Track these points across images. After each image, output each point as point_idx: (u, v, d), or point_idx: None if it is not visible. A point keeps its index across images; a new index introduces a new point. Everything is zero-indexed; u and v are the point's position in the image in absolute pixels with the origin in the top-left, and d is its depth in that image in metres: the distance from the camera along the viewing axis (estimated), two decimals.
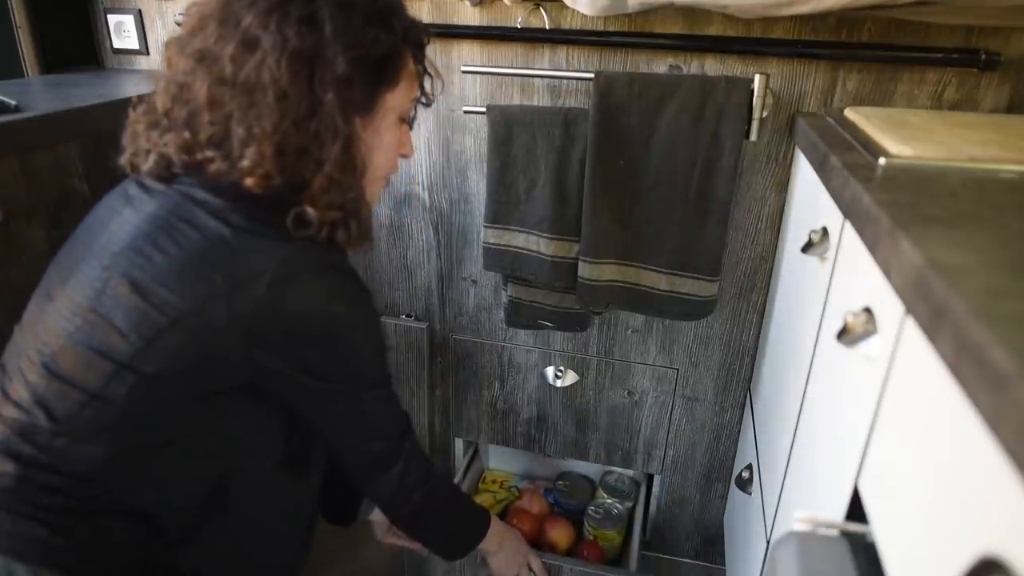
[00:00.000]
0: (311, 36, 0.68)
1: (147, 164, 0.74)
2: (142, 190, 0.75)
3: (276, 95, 0.68)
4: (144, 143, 0.75)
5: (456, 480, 1.49)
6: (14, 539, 0.67)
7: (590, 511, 1.44)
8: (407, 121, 0.84)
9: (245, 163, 0.69)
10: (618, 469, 1.53)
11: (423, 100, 0.87)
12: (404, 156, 0.85)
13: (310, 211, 0.71)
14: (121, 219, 0.73)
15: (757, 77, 1.02)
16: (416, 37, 0.79)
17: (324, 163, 0.71)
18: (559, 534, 1.39)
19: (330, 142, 0.70)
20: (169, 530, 0.75)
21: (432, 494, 0.92)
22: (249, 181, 0.71)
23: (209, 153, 0.71)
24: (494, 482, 1.57)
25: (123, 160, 0.77)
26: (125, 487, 0.72)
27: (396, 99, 0.78)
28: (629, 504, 1.47)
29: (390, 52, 0.74)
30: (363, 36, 0.71)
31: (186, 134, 0.72)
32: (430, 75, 0.85)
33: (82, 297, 0.70)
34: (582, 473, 1.57)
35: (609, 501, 1.47)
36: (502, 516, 1.45)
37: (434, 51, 1.22)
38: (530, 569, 1.14)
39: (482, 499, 1.48)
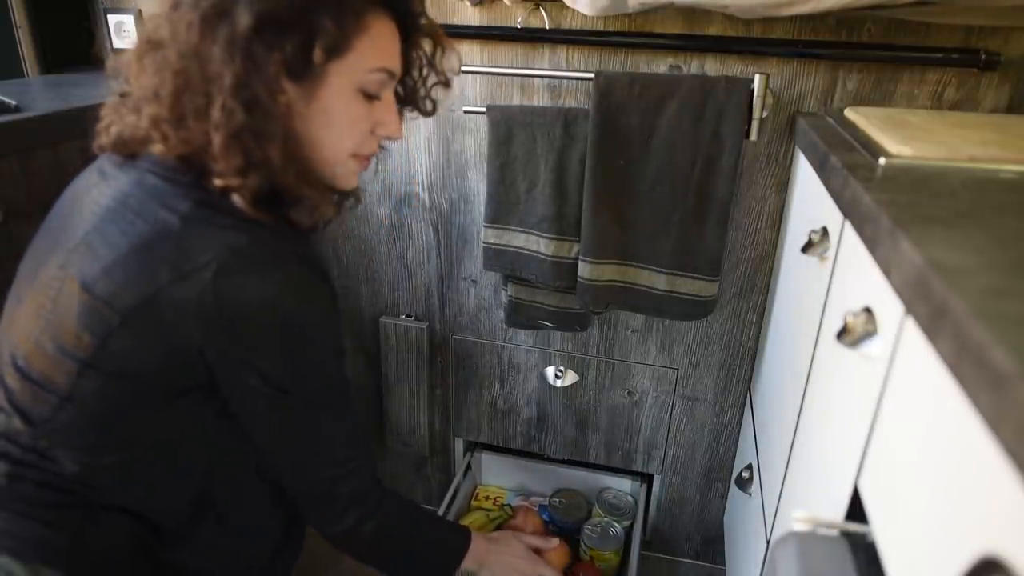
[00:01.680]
0: None
1: (108, 139, 0.70)
2: (101, 177, 0.72)
3: (178, 52, 0.63)
4: (113, 119, 0.71)
5: (451, 490, 1.47)
6: (9, 537, 0.68)
7: (586, 530, 1.39)
8: (378, 96, 0.72)
9: (143, 123, 0.65)
10: (615, 486, 1.50)
11: (438, 80, 0.77)
12: (387, 137, 0.75)
13: (222, 181, 0.65)
14: (79, 213, 0.70)
15: (757, 77, 1.02)
16: None
17: (220, 127, 0.63)
18: (554, 555, 1.31)
19: (218, 98, 0.63)
20: (162, 527, 0.75)
21: (385, 522, 0.83)
22: (156, 148, 0.66)
23: (153, 131, 0.67)
24: (487, 498, 1.54)
25: (94, 136, 0.73)
26: (113, 486, 0.72)
27: (348, 67, 0.67)
28: (627, 523, 1.42)
29: (323, 9, 0.64)
30: None
31: (144, 108, 0.67)
32: (441, 47, 0.74)
33: (43, 298, 0.68)
34: (578, 489, 1.52)
35: (606, 520, 1.42)
36: None
37: None
38: None
39: (474, 517, 1.44)
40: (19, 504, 0.68)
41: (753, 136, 1.05)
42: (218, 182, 0.65)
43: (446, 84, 0.79)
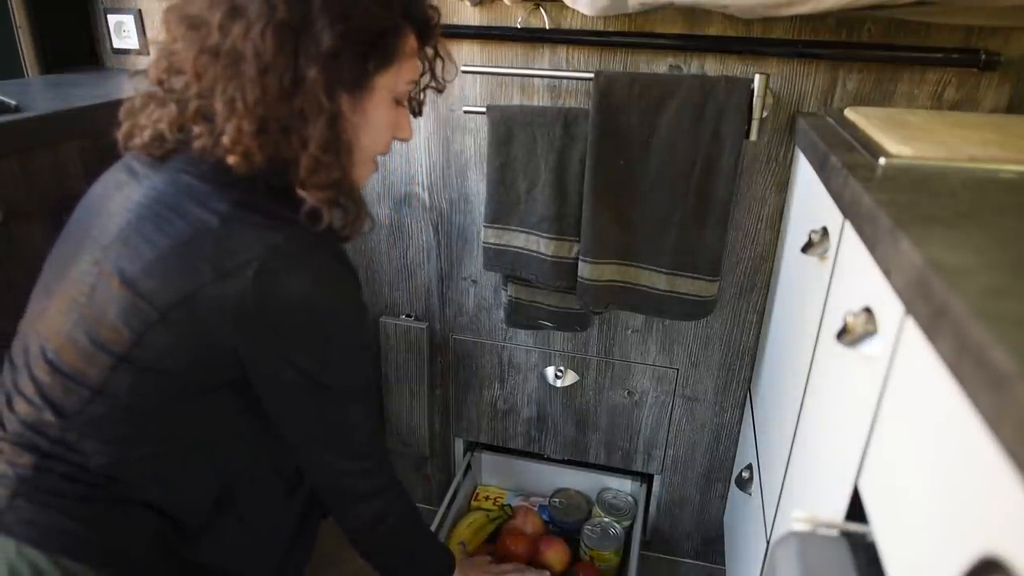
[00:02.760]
0: (299, 6, 0.64)
1: (141, 139, 0.72)
2: (131, 176, 0.73)
3: (259, 68, 0.64)
4: (141, 119, 0.73)
5: (451, 490, 1.47)
6: (34, 528, 0.69)
7: (586, 530, 1.39)
8: (403, 103, 0.80)
9: (225, 139, 0.66)
10: (615, 486, 1.51)
11: (433, 85, 0.83)
12: (401, 139, 0.82)
13: (306, 196, 0.68)
14: (110, 210, 0.72)
15: (757, 77, 1.02)
16: (420, 16, 0.75)
17: (308, 142, 0.67)
18: (554, 555, 1.34)
19: (314, 120, 0.67)
20: (184, 524, 0.77)
21: (397, 524, 0.87)
22: (231, 159, 0.67)
23: (197, 128, 0.68)
24: (487, 498, 1.54)
25: (119, 135, 0.75)
26: (140, 481, 0.73)
27: (390, 79, 0.73)
28: (627, 523, 1.43)
29: (385, 29, 0.70)
30: (354, 9, 0.66)
31: (175, 107, 0.69)
32: (441, 58, 0.81)
33: (76, 292, 0.70)
34: (578, 489, 1.53)
35: (606, 520, 1.42)
36: (495, 535, 1.42)
37: None
38: None
39: (474, 517, 1.44)
40: (46, 495, 0.69)
41: (753, 136, 1.05)
42: (305, 194, 0.68)
43: (439, 90, 0.85)
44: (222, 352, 0.69)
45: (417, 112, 0.86)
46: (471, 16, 1.18)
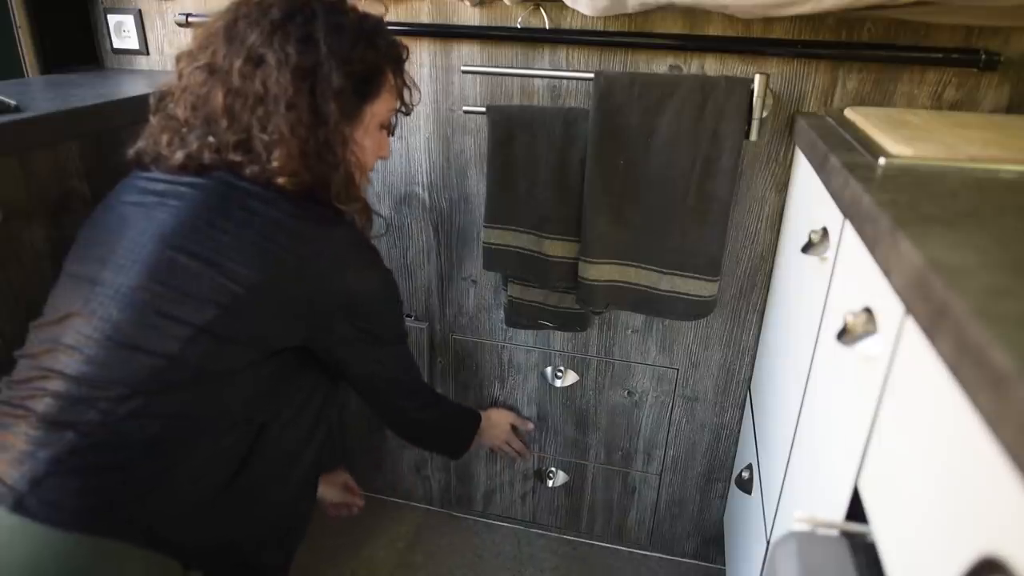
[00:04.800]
0: (310, 53, 0.79)
1: (174, 159, 0.83)
2: (171, 185, 0.82)
3: (285, 105, 0.79)
4: (164, 147, 0.84)
5: None
6: (57, 510, 0.70)
7: None
8: (387, 127, 0.97)
9: (275, 164, 0.80)
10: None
11: (402, 110, 0.98)
12: (383, 158, 0.98)
13: (343, 207, 0.86)
14: (164, 208, 0.80)
15: (757, 77, 1.02)
16: (396, 54, 0.92)
17: (340, 163, 0.84)
18: None
19: (339, 145, 0.83)
20: (205, 494, 0.81)
21: (438, 419, 1.17)
22: (281, 180, 0.81)
23: (237, 157, 0.81)
24: None
25: (132, 151, 0.86)
26: (176, 450, 0.76)
27: (379, 108, 0.90)
28: None
29: (375, 67, 0.87)
30: (353, 54, 0.82)
31: (210, 139, 0.81)
32: (408, 88, 0.96)
33: (145, 277, 0.76)
34: None
35: None
36: None
37: (434, 51, 1.22)
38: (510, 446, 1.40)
39: None
40: (69, 479, 0.71)
41: (753, 136, 1.05)
42: (342, 206, 0.86)
43: (407, 113, 0.99)
44: (293, 325, 0.83)
45: (391, 133, 1.00)
46: (471, 16, 1.18)
